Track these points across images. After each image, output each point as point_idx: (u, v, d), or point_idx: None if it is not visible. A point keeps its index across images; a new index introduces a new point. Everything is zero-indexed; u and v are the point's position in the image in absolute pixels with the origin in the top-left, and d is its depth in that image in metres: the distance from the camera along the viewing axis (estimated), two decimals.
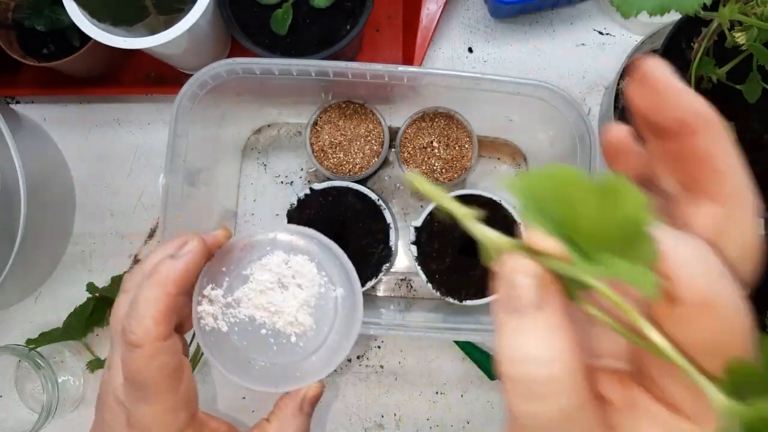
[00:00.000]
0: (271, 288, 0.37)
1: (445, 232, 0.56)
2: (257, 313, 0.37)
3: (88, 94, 0.66)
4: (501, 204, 0.56)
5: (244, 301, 0.37)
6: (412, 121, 0.60)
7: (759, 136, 0.51)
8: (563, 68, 0.66)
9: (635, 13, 0.37)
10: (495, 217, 0.57)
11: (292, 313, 0.37)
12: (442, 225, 0.56)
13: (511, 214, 0.56)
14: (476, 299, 0.56)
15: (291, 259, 0.37)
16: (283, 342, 0.37)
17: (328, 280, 0.38)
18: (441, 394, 0.64)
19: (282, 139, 0.66)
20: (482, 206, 0.53)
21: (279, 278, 0.37)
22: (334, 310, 0.37)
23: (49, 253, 0.65)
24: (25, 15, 0.59)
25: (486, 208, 0.55)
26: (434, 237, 0.56)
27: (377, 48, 0.65)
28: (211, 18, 0.54)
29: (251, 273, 0.37)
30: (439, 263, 0.56)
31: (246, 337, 0.37)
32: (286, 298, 0.37)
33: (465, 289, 0.56)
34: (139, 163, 0.67)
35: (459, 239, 0.56)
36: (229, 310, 0.37)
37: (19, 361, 0.64)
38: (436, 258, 0.56)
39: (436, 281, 0.56)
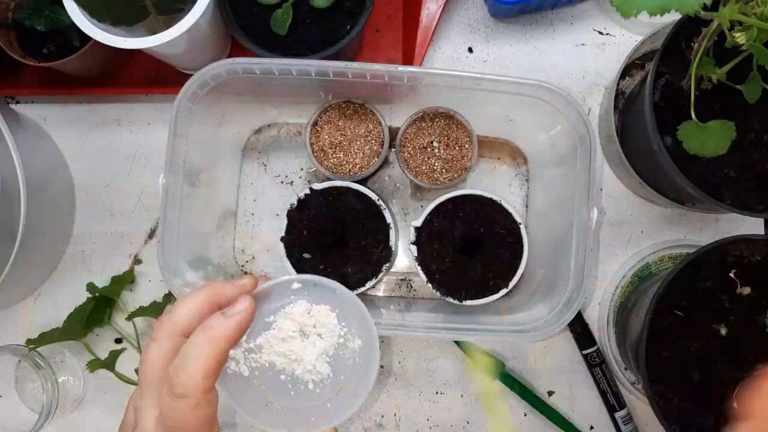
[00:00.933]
0: (292, 336, 0.38)
1: (446, 232, 0.56)
2: (278, 360, 0.38)
3: (88, 94, 0.66)
4: (501, 204, 0.56)
5: (266, 347, 0.38)
6: (412, 121, 0.60)
7: (759, 136, 0.51)
8: (563, 68, 0.66)
9: (635, 13, 0.37)
10: (495, 217, 0.56)
11: (311, 362, 0.38)
12: (442, 225, 0.56)
13: (511, 215, 0.56)
14: (476, 299, 0.55)
15: (313, 309, 0.39)
16: (300, 388, 0.38)
17: (347, 331, 0.39)
18: (441, 394, 0.64)
19: (282, 139, 0.66)
20: (482, 206, 0.53)
21: (301, 327, 0.38)
22: (351, 360, 0.39)
23: (49, 253, 0.65)
24: (25, 15, 0.59)
25: (486, 209, 0.55)
26: (434, 237, 0.56)
27: (377, 48, 0.65)
28: (211, 18, 0.54)
29: (274, 321, 0.38)
30: (439, 263, 0.56)
31: (266, 382, 0.38)
32: (306, 347, 0.38)
33: (465, 289, 0.56)
34: (139, 163, 0.67)
35: (459, 239, 0.56)
36: (251, 355, 0.38)
37: (19, 361, 0.64)
38: (436, 258, 0.56)
39: (436, 281, 0.56)
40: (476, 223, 0.56)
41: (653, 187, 0.57)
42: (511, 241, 0.56)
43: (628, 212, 0.65)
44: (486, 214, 0.56)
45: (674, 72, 0.51)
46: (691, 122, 0.48)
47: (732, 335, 0.50)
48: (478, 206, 0.56)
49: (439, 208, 0.56)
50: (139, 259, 0.66)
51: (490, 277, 0.56)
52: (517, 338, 0.52)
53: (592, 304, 0.64)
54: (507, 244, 0.56)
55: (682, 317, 0.51)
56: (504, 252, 0.56)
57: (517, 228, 0.56)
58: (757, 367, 0.49)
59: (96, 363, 0.60)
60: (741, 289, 0.51)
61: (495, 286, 0.55)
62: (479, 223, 0.56)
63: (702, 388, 0.50)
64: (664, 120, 0.51)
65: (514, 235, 0.56)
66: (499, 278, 0.56)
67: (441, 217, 0.56)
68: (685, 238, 0.64)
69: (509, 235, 0.56)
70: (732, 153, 0.50)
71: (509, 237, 0.56)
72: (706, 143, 0.47)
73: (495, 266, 0.56)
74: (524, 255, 0.55)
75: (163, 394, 0.34)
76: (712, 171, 0.51)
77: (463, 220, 0.56)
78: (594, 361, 0.61)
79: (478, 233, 0.56)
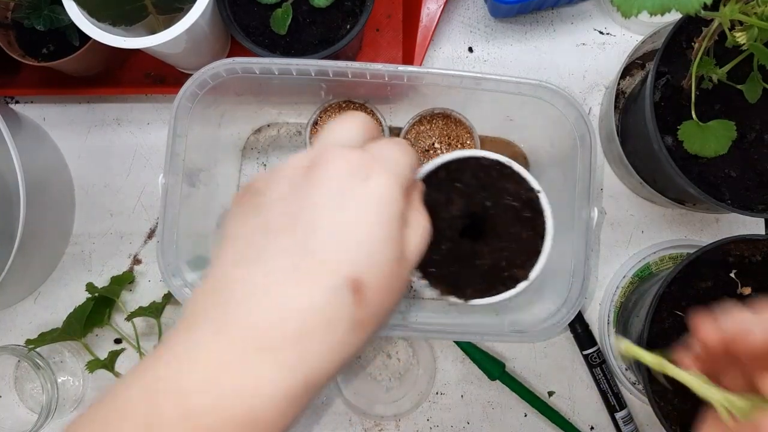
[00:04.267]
0: None
1: (440, 208, 0.40)
2: None
3: (88, 94, 0.66)
4: (511, 167, 0.41)
5: None
6: (410, 126, 0.60)
7: (759, 135, 0.51)
8: (563, 68, 0.66)
9: (636, 12, 0.37)
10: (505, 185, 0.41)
11: None
12: (435, 199, 0.40)
13: (526, 181, 0.41)
14: (484, 297, 0.41)
15: None
16: None
17: None
18: (441, 395, 0.63)
19: (282, 139, 0.66)
20: (486, 172, 0.41)
21: None
22: None
23: (49, 253, 0.65)
24: (24, 14, 0.59)
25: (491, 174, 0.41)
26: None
27: (377, 48, 0.65)
28: (211, 18, 0.54)
29: None
30: (433, 251, 0.39)
31: None
32: None
33: (470, 284, 0.41)
34: (138, 163, 0.67)
35: (459, 218, 0.40)
36: None
37: (18, 362, 0.64)
38: (429, 244, 0.40)
39: (432, 276, 0.40)
40: (480, 195, 0.40)
41: (653, 187, 0.57)
42: (528, 215, 0.40)
43: (628, 212, 0.65)
44: (492, 181, 0.41)
45: (675, 72, 0.51)
46: (692, 122, 0.48)
47: None
48: (481, 172, 0.41)
49: (430, 178, 0.40)
50: (138, 259, 0.66)
51: (504, 266, 0.40)
52: (518, 339, 0.52)
53: (592, 304, 0.64)
54: (524, 219, 0.40)
55: (682, 317, 0.51)
56: (520, 231, 0.40)
57: (536, 197, 0.40)
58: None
59: (95, 363, 0.60)
60: (741, 289, 0.51)
61: (511, 277, 0.40)
62: (484, 193, 0.40)
63: None
64: (665, 120, 0.51)
65: (531, 207, 0.40)
66: (516, 266, 0.41)
67: (433, 188, 0.40)
68: (686, 238, 0.64)
69: (526, 208, 0.41)
70: (732, 153, 0.50)
71: (526, 210, 0.41)
72: (706, 143, 0.47)
73: (510, 250, 0.40)
74: (548, 233, 0.40)
75: None
76: (712, 171, 0.51)
77: (462, 192, 0.40)
78: (594, 361, 0.61)
79: (483, 207, 0.40)
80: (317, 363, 0.27)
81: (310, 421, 0.64)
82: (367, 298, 0.28)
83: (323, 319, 0.27)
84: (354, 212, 0.29)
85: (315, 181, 0.29)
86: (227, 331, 0.26)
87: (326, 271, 0.27)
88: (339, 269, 0.27)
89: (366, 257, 0.28)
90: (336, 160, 0.30)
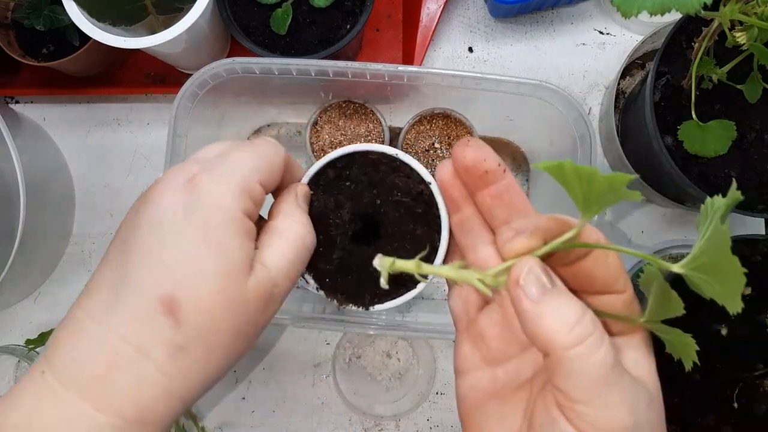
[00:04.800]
0: None
1: (327, 213, 0.37)
2: None
3: (88, 94, 0.66)
4: (399, 159, 0.38)
5: None
6: (410, 126, 0.60)
7: (759, 135, 0.51)
8: (563, 68, 0.66)
9: (636, 12, 0.37)
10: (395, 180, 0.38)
11: None
12: (322, 204, 0.37)
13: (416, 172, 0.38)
14: (385, 302, 0.38)
15: None
16: None
17: None
18: (441, 395, 0.63)
19: (282, 139, 0.66)
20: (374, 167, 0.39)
21: None
22: None
23: (49, 253, 0.65)
24: (24, 14, 0.59)
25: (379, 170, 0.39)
26: (316, 224, 0.37)
27: (377, 48, 0.65)
28: (211, 18, 0.54)
29: None
30: (326, 261, 0.37)
31: None
32: None
33: (368, 290, 0.38)
34: (138, 163, 0.67)
35: (350, 222, 0.37)
36: None
37: (18, 362, 0.64)
38: (322, 254, 0.37)
39: (328, 287, 0.38)
40: (370, 193, 0.38)
41: (653, 187, 0.57)
42: (420, 211, 0.37)
43: (628, 212, 0.65)
44: (382, 176, 0.38)
45: (675, 72, 0.51)
46: (692, 122, 0.48)
47: (732, 335, 0.50)
48: (369, 167, 0.38)
49: (315, 181, 0.38)
50: None
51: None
52: None
53: None
54: (416, 216, 0.37)
55: (682, 317, 0.51)
56: (414, 228, 0.37)
57: (427, 189, 0.37)
58: (758, 367, 0.49)
59: None
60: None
61: (411, 277, 0.34)
62: (375, 191, 0.38)
63: (702, 388, 0.50)
64: (665, 120, 0.51)
65: (423, 200, 0.37)
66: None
67: (321, 190, 0.38)
68: (686, 238, 0.64)
69: (417, 203, 0.37)
70: (732, 153, 0.50)
71: (418, 204, 0.37)
72: (706, 143, 0.47)
73: (405, 250, 0.37)
74: (444, 226, 0.37)
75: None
76: (712, 171, 0.51)
77: (350, 193, 0.38)
78: None
79: (374, 206, 0.38)
80: (133, 396, 0.26)
81: (310, 421, 0.64)
82: (187, 319, 0.26)
83: (133, 349, 0.26)
84: (169, 226, 0.27)
85: (142, 203, 0.29)
86: (49, 369, 0.26)
87: (137, 294, 0.26)
88: (149, 290, 0.26)
89: (182, 275, 0.26)
90: (163, 177, 0.29)
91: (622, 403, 0.24)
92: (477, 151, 0.30)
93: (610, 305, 0.28)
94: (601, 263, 0.27)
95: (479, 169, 0.30)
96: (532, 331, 0.25)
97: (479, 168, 0.30)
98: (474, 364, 0.32)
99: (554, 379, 0.25)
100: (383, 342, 0.64)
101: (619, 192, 0.24)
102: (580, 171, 0.25)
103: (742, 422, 0.49)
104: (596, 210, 0.26)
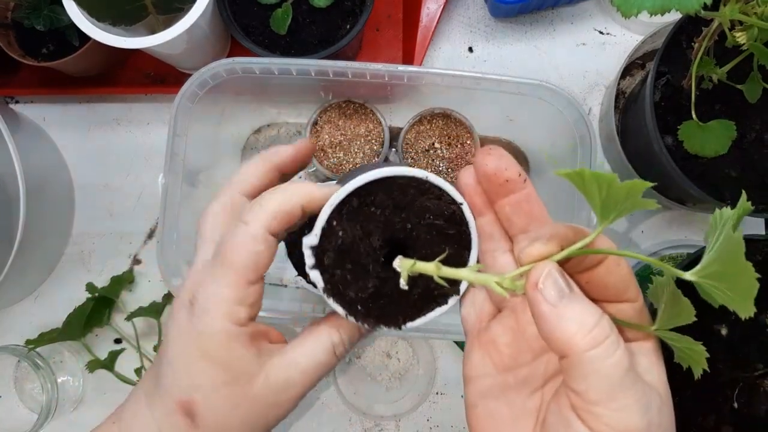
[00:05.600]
0: None
1: (357, 242, 0.37)
2: None
3: (88, 93, 0.66)
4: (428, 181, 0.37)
5: None
6: (410, 126, 0.60)
7: (759, 135, 0.51)
8: (563, 68, 0.66)
9: (636, 12, 0.37)
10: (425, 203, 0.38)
11: None
12: (351, 233, 0.36)
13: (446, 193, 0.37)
14: (416, 320, 0.37)
15: None
16: None
17: None
18: (441, 395, 0.63)
19: (282, 139, 0.66)
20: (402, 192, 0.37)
21: None
22: None
23: (49, 253, 0.65)
24: (24, 14, 0.59)
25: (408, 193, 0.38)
26: (343, 254, 0.37)
27: (377, 48, 0.65)
28: (211, 17, 0.54)
29: None
30: (359, 288, 0.37)
31: None
32: None
33: (403, 311, 0.37)
34: (138, 163, 0.67)
35: (380, 248, 0.37)
36: None
37: (18, 362, 0.64)
38: (352, 282, 0.37)
39: (360, 314, 0.37)
40: (399, 218, 0.37)
41: (653, 187, 0.57)
42: (452, 232, 0.38)
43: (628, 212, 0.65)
44: (411, 199, 0.37)
45: (675, 72, 0.51)
46: (692, 122, 0.48)
47: (733, 335, 0.50)
48: (397, 193, 0.37)
49: (340, 210, 0.36)
50: (138, 259, 0.66)
51: (433, 286, 0.37)
52: None
53: None
54: (448, 236, 0.38)
55: None
56: (445, 247, 0.37)
57: (458, 210, 0.37)
58: (758, 367, 0.49)
59: (95, 363, 0.60)
60: None
61: (443, 294, 0.37)
62: (404, 216, 0.37)
63: (702, 388, 0.50)
64: (665, 120, 0.51)
65: (455, 220, 0.37)
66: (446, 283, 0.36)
67: (345, 221, 0.36)
68: (686, 238, 0.64)
69: (449, 224, 0.38)
70: (732, 153, 0.50)
71: (450, 226, 0.38)
72: (706, 143, 0.47)
73: None
74: (473, 243, 0.37)
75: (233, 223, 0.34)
76: (712, 171, 0.51)
77: (379, 219, 0.37)
78: None
79: (405, 232, 0.37)
80: None
81: (311, 421, 0.64)
82: (203, 420, 0.31)
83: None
84: (183, 343, 0.32)
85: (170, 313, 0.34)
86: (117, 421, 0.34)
87: (165, 396, 0.32)
88: (171, 395, 0.31)
89: (196, 383, 0.31)
90: (177, 291, 0.34)
91: (636, 405, 0.25)
92: (498, 160, 0.31)
93: (622, 314, 0.28)
94: (614, 271, 0.28)
95: (500, 178, 0.31)
96: (549, 333, 0.25)
97: (500, 177, 0.31)
98: (484, 371, 0.32)
99: (571, 382, 0.25)
100: (383, 342, 0.64)
101: (637, 200, 0.25)
102: (599, 178, 0.25)
103: (742, 422, 0.49)
104: (614, 217, 0.26)
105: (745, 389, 0.49)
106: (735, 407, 0.49)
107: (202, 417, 0.31)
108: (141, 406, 0.33)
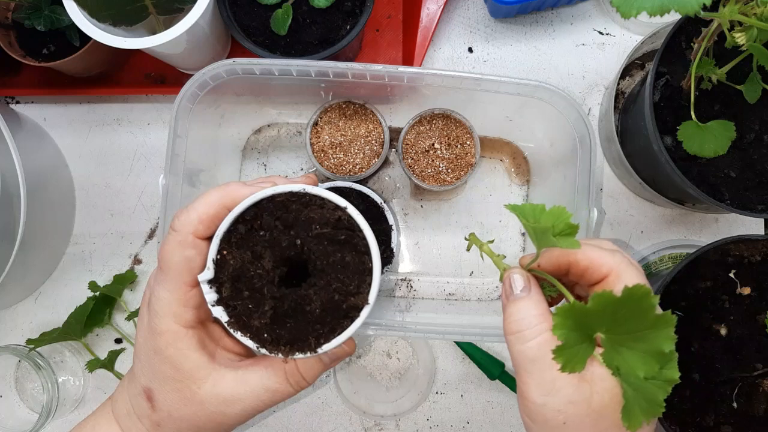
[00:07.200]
0: None
1: (248, 266, 0.36)
2: None
3: (88, 94, 0.66)
4: (308, 192, 0.37)
5: None
6: (410, 126, 0.60)
7: (759, 136, 0.51)
8: (563, 68, 0.66)
9: (635, 13, 0.37)
10: (310, 214, 0.37)
11: None
12: (241, 258, 0.36)
13: (328, 201, 0.37)
14: (331, 340, 0.36)
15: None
16: None
17: None
18: (441, 394, 0.64)
19: (282, 139, 0.66)
20: (284, 208, 0.37)
21: None
22: None
23: (49, 253, 0.65)
24: (24, 15, 0.59)
25: (291, 208, 0.37)
26: (238, 281, 0.36)
27: (377, 48, 0.65)
28: (211, 18, 0.54)
29: None
30: (259, 315, 0.36)
31: None
32: None
33: (310, 333, 0.36)
34: (139, 163, 0.67)
35: (273, 269, 0.36)
36: None
37: (19, 361, 0.64)
38: (253, 310, 0.36)
39: (268, 342, 0.36)
40: (288, 235, 0.36)
41: (653, 187, 0.57)
42: (342, 237, 0.36)
43: (628, 212, 0.65)
44: (296, 216, 0.36)
45: (674, 72, 0.51)
46: (691, 122, 0.48)
47: (732, 335, 0.50)
48: (281, 211, 0.37)
49: (229, 240, 0.36)
50: (139, 259, 0.66)
51: (338, 299, 0.36)
52: None
53: None
54: (341, 243, 0.36)
55: (682, 317, 0.51)
56: (343, 256, 0.37)
57: (344, 215, 0.37)
58: (758, 367, 0.49)
59: (95, 363, 0.60)
60: (741, 289, 0.51)
61: (352, 306, 0.36)
62: (292, 233, 0.36)
63: (702, 388, 0.50)
64: (664, 120, 0.51)
65: (343, 225, 0.37)
66: (351, 294, 0.36)
67: (235, 249, 0.36)
68: (685, 238, 0.64)
69: (337, 230, 0.36)
70: (732, 153, 0.50)
71: (338, 232, 0.36)
72: (706, 143, 0.47)
73: (339, 281, 0.36)
74: (371, 247, 0.36)
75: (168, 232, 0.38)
76: (712, 171, 0.51)
77: (267, 241, 0.36)
78: None
79: (295, 248, 0.36)
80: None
81: (310, 421, 0.64)
82: (159, 405, 0.37)
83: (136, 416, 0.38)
84: (143, 338, 0.37)
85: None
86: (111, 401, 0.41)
87: (134, 380, 0.38)
88: (139, 380, 0.38)
89: (155, 374, 0.37)
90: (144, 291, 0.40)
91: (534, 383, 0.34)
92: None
93: None
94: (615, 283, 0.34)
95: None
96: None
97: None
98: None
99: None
100: (383, 342, 0.64)
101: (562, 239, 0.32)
102: (533, 208, 0.33)
103: (742, 422, 0.49)
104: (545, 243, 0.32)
105: (744, 389, 0.49)
106: (734, 407, 0.49)
107: (159, 404, 0.37)
108: (124, 386, 0.39)
